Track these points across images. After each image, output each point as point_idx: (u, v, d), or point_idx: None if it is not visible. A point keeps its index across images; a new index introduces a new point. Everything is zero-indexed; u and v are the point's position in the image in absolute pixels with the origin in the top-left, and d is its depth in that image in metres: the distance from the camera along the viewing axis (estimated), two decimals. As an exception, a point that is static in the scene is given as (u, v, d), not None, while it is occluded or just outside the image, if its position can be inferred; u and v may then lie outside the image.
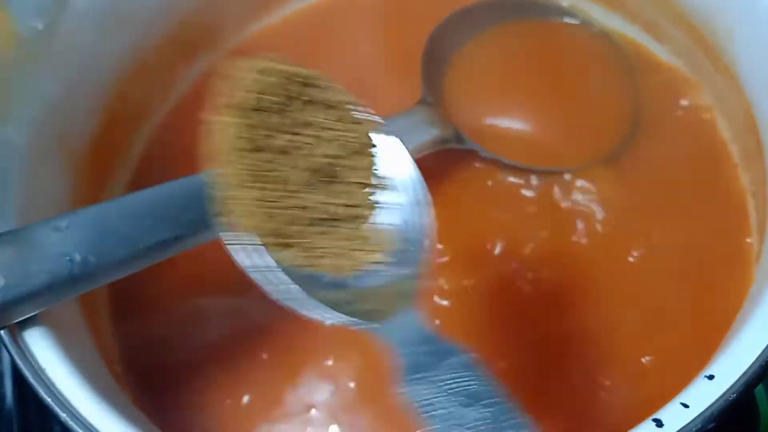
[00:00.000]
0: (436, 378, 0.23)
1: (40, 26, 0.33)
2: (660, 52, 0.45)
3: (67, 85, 0.39)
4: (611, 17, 0.47)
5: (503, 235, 0.40)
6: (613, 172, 0.41)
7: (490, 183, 0.41)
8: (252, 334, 0.38)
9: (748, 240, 0.39)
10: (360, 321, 0.25)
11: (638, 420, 0.27)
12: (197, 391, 0.37)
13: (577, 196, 0.41)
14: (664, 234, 0.39)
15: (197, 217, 0.32)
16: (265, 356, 0.38)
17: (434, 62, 0.44)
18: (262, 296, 0.38)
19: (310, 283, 0.25)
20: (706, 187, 0.41)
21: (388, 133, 0.27)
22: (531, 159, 0.41)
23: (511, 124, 0.44)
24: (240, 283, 0.39)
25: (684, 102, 0.44)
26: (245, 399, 0.37)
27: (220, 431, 0.36)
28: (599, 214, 0.40)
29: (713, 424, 0.26)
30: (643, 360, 0.36)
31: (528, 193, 0.41)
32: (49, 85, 0.37)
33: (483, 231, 0.40)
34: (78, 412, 0.28)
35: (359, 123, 0.26)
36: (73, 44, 0.38)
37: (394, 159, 0.27)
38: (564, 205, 0.40)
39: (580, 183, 0.41)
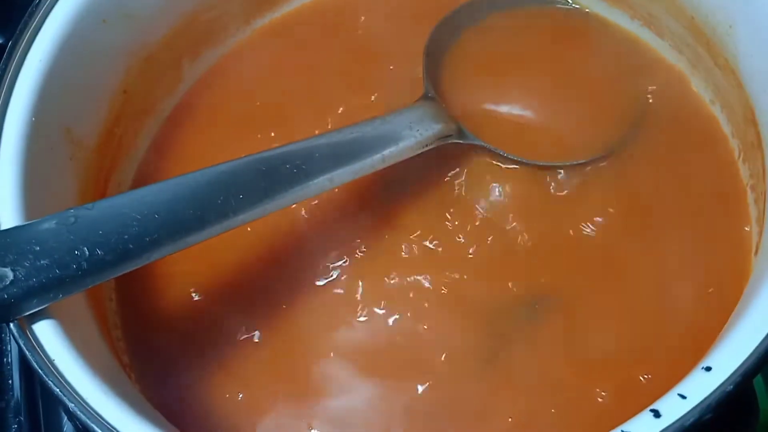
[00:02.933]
0: None
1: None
2: (660, 46, 0.45)
3: (74, 79, 0.39)
4: (612, 12, 0.47)
5: (504, 230, 0.40)
6: (614, 166, 0.41)
7: (490, 177, 0.42)
8: (253, 330, 0.38)
9: (746, 229, 0.39)
10: None
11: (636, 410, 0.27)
12: (200, 382, 0.37)
13: (578, 190, 0.41)
14: (664, 226, 0.39)
15: (203, 212, 0.32)
16: (263, 354, 0.38)
17: (436, 58, 0.45)
18: (263, 294, 0.39)
19: None
20: (706, 181, 0.41)
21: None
22: (532, 153, 0.41)
23: (513, 118, 0.44)
24: (242, 282, 0.40)
25: (684, 96, 0.44)
26: (240, 395, 0.37)
27: (223, 421, 0.36)
28: (600, 207, 0.40)
29: (710, 415, 0.26)
30: (641, 350, 0.36)
31: (530, 187, 0.41)
32: (57, 78, 0.38)
33: (484, 225, 0.40)
34: (86, 402, 0.29)
35: None
36: (79, 39, 0.39)
37: None
38: (565, 199, 0.41)
39: (580, 177, 0.41)
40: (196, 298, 0.40)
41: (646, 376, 0.35)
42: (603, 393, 0.35)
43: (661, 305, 0.37)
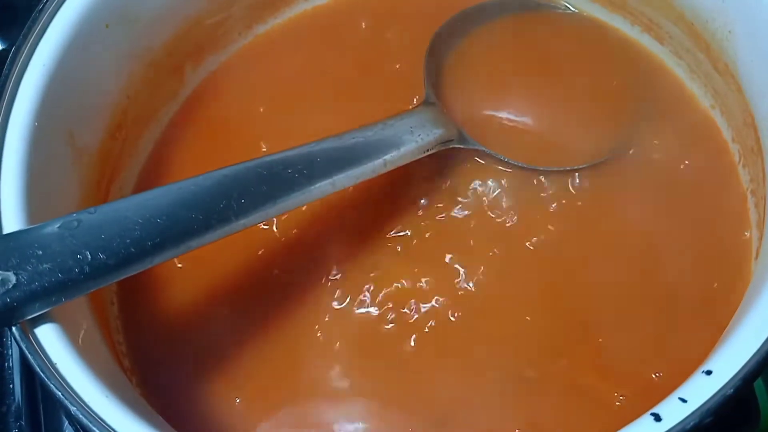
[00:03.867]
0: None
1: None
2: (660, 52, 0.46)
3: (77, 84, 0.39)
4: (612, 17, 0.47)
5: (506, 234, 0.40)
6: (614, 171, 0.42)
7: (492, 182, 0.42)
8: (251, 335, 0.39)
9: (746, 233, 0.39)
10: None
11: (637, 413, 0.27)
12: (201, 386, 0.37)
13: (578, 195, 0.41)
14: (664, 232, 0.39)
15: (205, 216, 0.33)
16: (263, 360, 0.38)
17: (437, 63, 0.45)
18: (262, 300, 0.39)
19: None
20: (706, 186, 0.41)
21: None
22: (533, 158, 0.42)
23: (514, 123, 0.44)
24: (243, 286, 0.40)
25: (684, 101, 0.44)
26: (239, 400, 0.37)
27: (223, 425, 0.36)
28: (599, 212, 0.40)
29: (711, 419, 0.27)
30: (642, 353, 0.36)
31: (531, 192, 0.41)
32: (60, 83, 0.38)
33: (486, 231, 0.40)
34: (88, 405, 0.29)
35: None
36: (82, 43, 0.39)
37: None
38: (565, 204, 0.41)
39: (581, 182, 0.41)
40: (198, 302, 0.40)
41: (658, 374, 0.35)
42: (621, 396, 0.35)
43: (661, 307, 0.37)
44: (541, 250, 0.39)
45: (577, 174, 0.41)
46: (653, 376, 0.35)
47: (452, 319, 0.38)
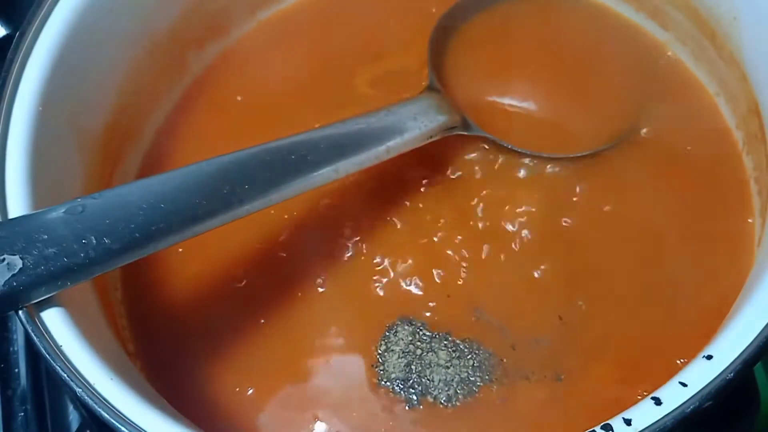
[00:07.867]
0: None
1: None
2: (665, 38, 0.45)
3: (81, 69, 0.39)
4: (617, 3, 0.47)
5: (509, 222, 0.40)
6: (618, 157, 0.41)
7: (496, 168, 0.42)
8: (256, 319, 0.39)
9: (749, 220, 0.39)
10: None
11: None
12: (204, 370, 0.38)
13: (582, 182, 0.41)
14: (667, 219, 0.39)
15: (208, 202, 0.33)
16: (268, 344, 0.38)
17: (441, 49, 0.45)
18: (269, 284, 0.39)
19: None
20: (710, 173, 0.41)
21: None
22: (536, 145, 0.42)
23: (517, 109, 0.44)
24: (249, 269, 0.40)
25: (688, 88, 0.44)
26: (244, 385, 0.37)
27: (226, 408, 0.37)
28: (605, 198, 0.40)
29: (711, 403, 0.27)
30: (640, 337, 0.36)
31: (535, 178, 0.41)
32: (64, 68, 0.38)
33: (490, 218, 0.40)
34: (93, 387, 0.29)
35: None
36: (87, 28, 0.39)
37: None
38: (569, 191, 0.41)
39: (584, 168, 0.41)
40: (201, 287, 0.40)
41: (682, 360, 0.35)
42: (644, 392, 0.35)
43: (664, 292, 0.37)
44: (544, 237, 0.39)
45: (580, 160, 0.41)
46: (678, 362, 0.35)
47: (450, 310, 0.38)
